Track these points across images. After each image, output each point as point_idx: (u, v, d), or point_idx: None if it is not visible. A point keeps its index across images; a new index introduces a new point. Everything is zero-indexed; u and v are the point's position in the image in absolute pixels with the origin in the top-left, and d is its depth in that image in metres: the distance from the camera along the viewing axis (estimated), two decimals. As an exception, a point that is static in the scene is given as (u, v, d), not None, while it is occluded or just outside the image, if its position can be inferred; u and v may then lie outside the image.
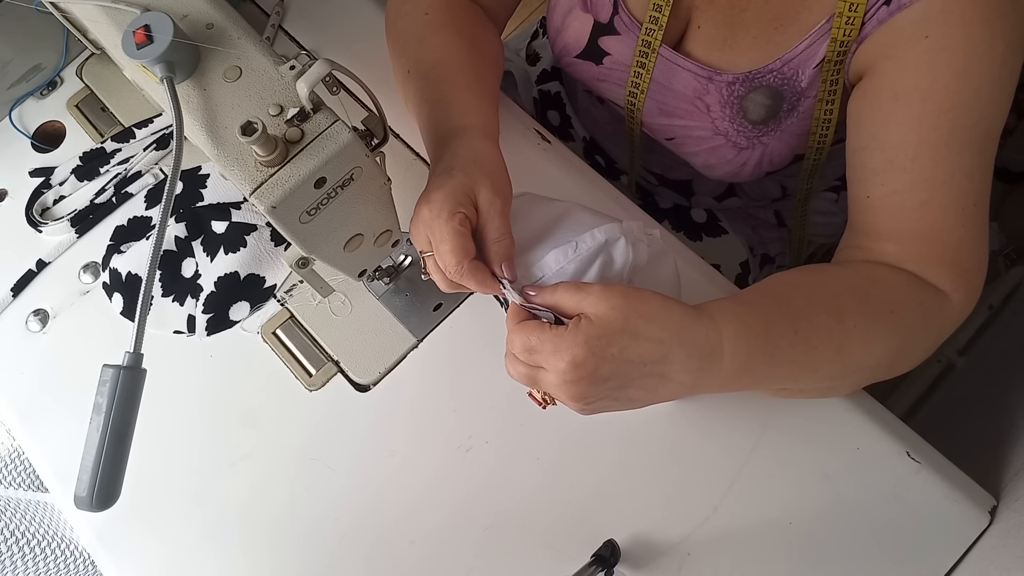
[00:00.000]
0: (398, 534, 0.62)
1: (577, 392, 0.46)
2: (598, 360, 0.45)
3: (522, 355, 0.48)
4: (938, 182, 0.53)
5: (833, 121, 0.61)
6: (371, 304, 0.69)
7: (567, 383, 0.46)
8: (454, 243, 0.49)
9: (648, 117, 0.69)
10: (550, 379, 0.47)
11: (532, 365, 0.48)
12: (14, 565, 0.66)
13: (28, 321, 0.73)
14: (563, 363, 0.45)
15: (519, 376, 0.49)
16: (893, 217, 0.55)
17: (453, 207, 0.50)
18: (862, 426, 0.59)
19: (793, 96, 0.60)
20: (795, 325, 0.51)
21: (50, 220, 0.76)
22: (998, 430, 0.66)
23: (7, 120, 0.81)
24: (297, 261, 0.56)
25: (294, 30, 0.82)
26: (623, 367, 0.46)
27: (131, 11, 0.50)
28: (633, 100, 0.68)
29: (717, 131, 0.65)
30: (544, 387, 0.48)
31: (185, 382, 0.69)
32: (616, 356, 0.45)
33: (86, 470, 0.44)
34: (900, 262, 0.55)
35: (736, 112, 0.63)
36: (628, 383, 0.47)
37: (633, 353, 0.45)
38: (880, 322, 0.53)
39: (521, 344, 0.47)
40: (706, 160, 0.69)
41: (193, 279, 0.71)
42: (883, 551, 0.56)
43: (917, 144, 0.53)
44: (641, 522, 0.59)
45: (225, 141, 0.46)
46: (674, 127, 0.68)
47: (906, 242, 0.55)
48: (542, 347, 0.46)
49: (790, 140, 0.64)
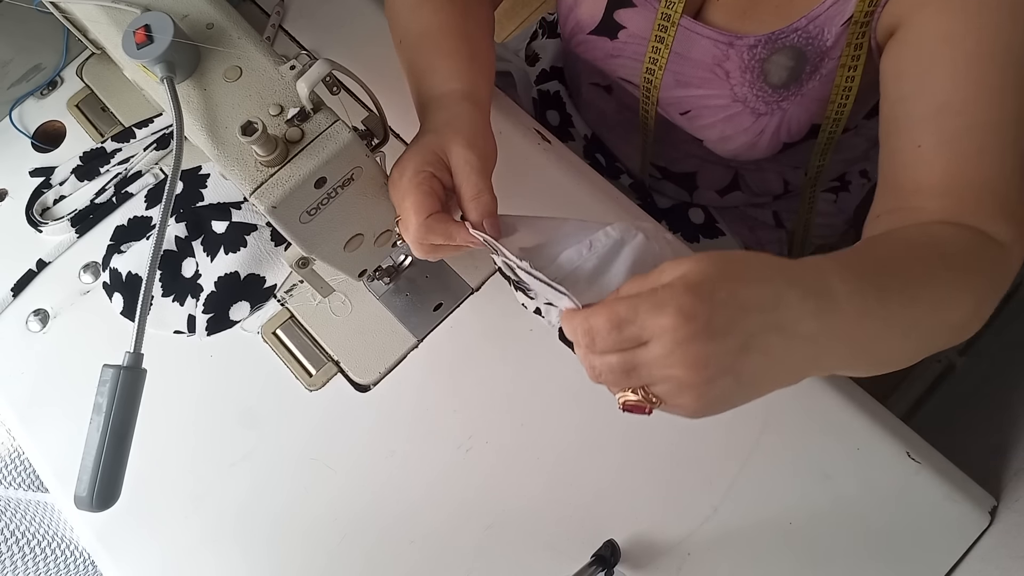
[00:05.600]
0: (398, 534, 0.62)
1: (696, 354, 0.37)
2: (710, 307, 0.37)
3: (609, 335, 0.38)
4: (996, 127, 0.50)
5: (854, 89, 0.60)
6: (371, 304, 0.69)
7: (681, 344, 0.37)
8: (414, 199, 0.48)
9: (664, 91, 0.68)
10: (655, 350, 0.37)
11: (624, 349, 0.39)
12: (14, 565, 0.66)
13: (28, 321, 0.73)
14: (670, 318, 0.36)
15: (609, 370, 0.39)
16: (947, 167, 0.51)
17: (418, 166, 0.49)
18: (862, 426, 0.59)
19: (816, 56, 0.59)
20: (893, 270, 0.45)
21: (50, 220, 0.76)
22: (998, 430, 0.66)
23: (7, 120, 0.82)
24: (297, 261, 0.56)
25: (294, 30, 0.82)
26: (739, 315, 0.38)
27: (131, 11, 0.50)
28: (650, 77, 0.67)
29: (736, 98, 0.64)
30: (648, 368, 0.38)
31: (185, 382, 0.69)
32: (728, 301, 0.37)
33: (86, 470, 0.44)
34: (957, 217, 0.50)
35: (756, 76, 0.62)
36: (749, 342, 0.38)
37: (745, 297, 0.38)
38: (960, 277, 0.48)
39: (606, 321, 0.38)
40: (722, 131, 0.67)
41: (193, 279, 0.71)
42: (883, 551, 0.56)
43: (972, 87, 0.50)
44: (641, 522, 0.59)
45: (225, 141, 0.46)
46: (690, 98, 0.67)
47: (961, 195, 0.50)
48: (637, 310, 0.37)
49: (809, 106, 0.62)
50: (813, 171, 0.73)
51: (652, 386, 0.39)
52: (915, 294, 0.46)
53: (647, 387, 0.40)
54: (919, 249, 0.49)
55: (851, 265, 0.44)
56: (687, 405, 0.40)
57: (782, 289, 0.39)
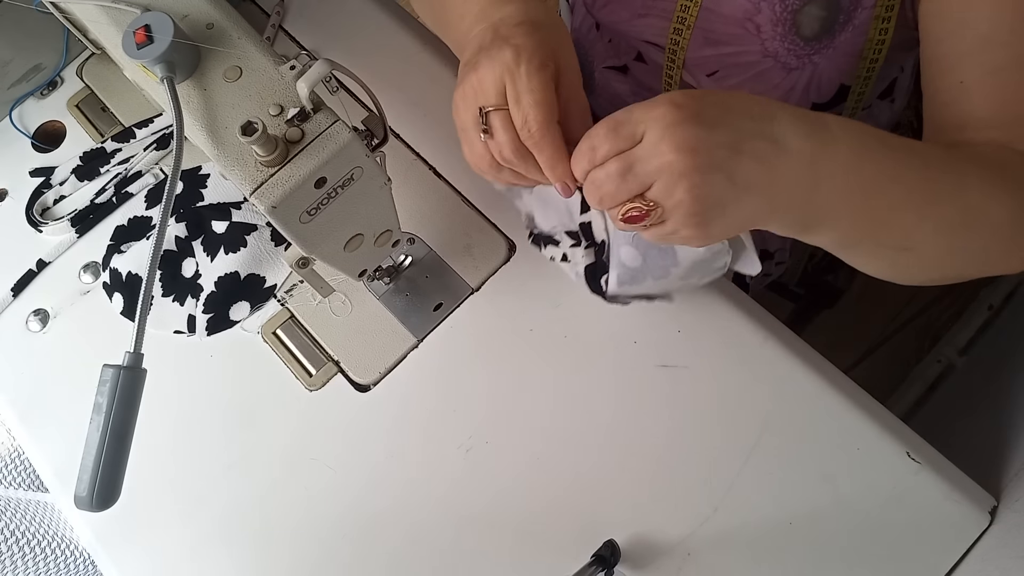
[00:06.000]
0: (398, 534, 0.62)
1: (684, 137, 0.38)
2: (700, 102, 0.39)
3: (607, 139, 0.40)
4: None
5: (886, 43, 0.59)
6: (371, 304, 0.69)
7: (670, 126, 0.38)
8: (543, 96, 0.43)
9: (691, 51, 0.66)
10: (648, 138, 0.39)
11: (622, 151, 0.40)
12: (14, 565, 0.66)
13: (28, 321, 0.73)
14: (661, 107, 0.39)
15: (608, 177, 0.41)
16: (993, 99, 0.50)
17: (543, 58, 0.43)
18: (862, 426, 0.59)
19: (850, 5, 0.58)
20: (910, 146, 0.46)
21: (50, 220, 0.76)
22: (998, 430, 0.66)
23: (7, 120, 0.82)
24: (297, 261, 0.56)
25: (294, 30, 0.82)
26: (729, 117, 0.40)
27: (131, 11, 0.50)
28: (677, 37, 0.66)
29: (766, 52, 0.63)
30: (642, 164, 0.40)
31: (185, 382, 0.69)
32: (717, 103, 0.40)
33: (86, 470, 0.44)
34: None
35: (788, 29, 0.61)
36: (739, 143, 0.39)
37: (734, 102, 0.40)
38: (998, 176, 0.47)
39: (604, 125, 0.40)
40: (751, 90, 0.66)
41: (193, 279, 0.71)
42: (883, 551, 0.56)
43: (1015, 17, 0.49)
44: (641, 522, 0.59)
45: (225, 141, 0.46)
46: (719, 57, 0.66)
47: (1009, 125, 0.50)
48: (631, 110, 0.40)
49: (840, 62, 0.62)
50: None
51: (649, 190, 0.40)
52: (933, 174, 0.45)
53: (644, 195, 0.41)
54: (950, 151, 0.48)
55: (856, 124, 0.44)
56: (683, 202, 0.40)
57: (774, 108, 0.41)
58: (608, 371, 0.63)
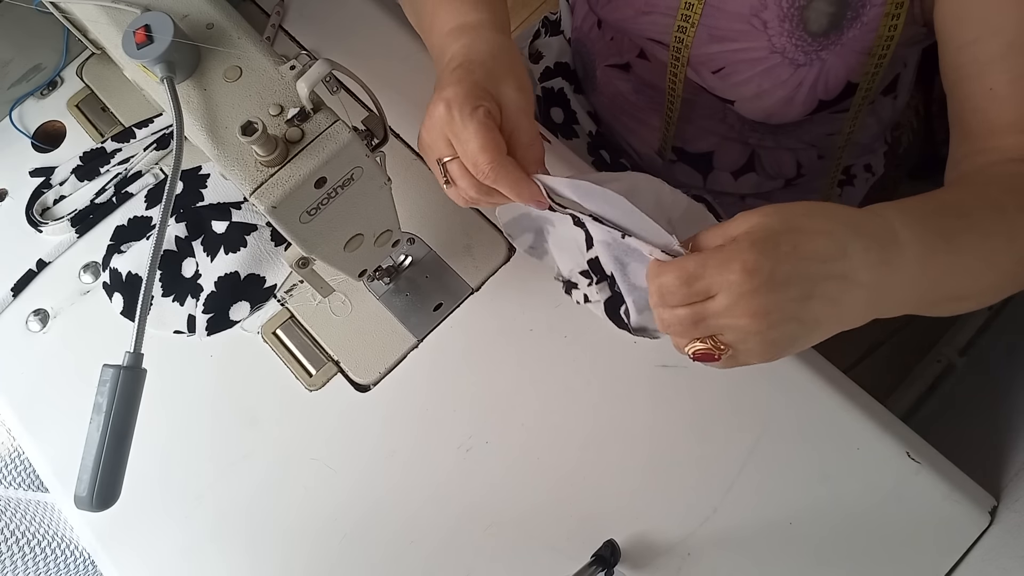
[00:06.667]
0: (398, 534, 0.62)
1: (758, 305, 0.39)
2: (773, 261, 0.39)
3: (679, 290, 0.41)
4: None
5: (895, 39, 0.59)
6: (371, 304, 0.69)
7: (744, 296, 0.39)
8: (484, 139, 0.44)
9: (696, 48, 0.66)
10: (721, 302, 0.40)
11: (692, 303, 0.41)
12: (14, 565, 0.66)
13: (28, 321, 0.73)
14: (735, 274, 0.39)
15: (679, 322, 0.42)
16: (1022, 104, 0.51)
17: (473, 101, 0.45)
18: (862, 426, 0.59)
19: (858, 1, 0.58)
20: (960, 212, 0.46)
21: (50, 220, 0.76)
22: (998, 430, 0.66)
23: (7, 120, 0.82)
24: (297, 261, 0.56)
25: (294, 30, 0.82)
26: (801, 266, 0.40)
27: (131, 11, 0.50)
28: (681, 35, 0.66)
29: (774, 48, 0.63)
30: (715, 319, 0.41)
31: (185, 382, 0.69)
32: (790, 254, 0.39)
33: (86, 470, 0.44)
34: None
35: (796, 25, 0.61)
36: (811, 290, 0.40)
37: (807, 248, 0.40)
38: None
39: (676, 276, 0.40)
40: (759, 86, 0.65)
41: (193, 279, 0.71)
42: (883, 551, 0.56)
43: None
44: (641, 522, 0.59)
45: (225, 141, 0.46)
46: (725, 54, 0.65)
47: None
48: (705, 265, 0.40)
49: (848, 59, 0.62)
50: (842, 140, 0.72)
51: (719, 335, 0.42)
52: (987, 231, 0.46)
53: (715, 336, 0.42)
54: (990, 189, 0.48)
55: (915, 210, 0.45)
56: (754, 349, 0.42)
57: (845, 240, 0.41)
58: (608, 371, 0.63)
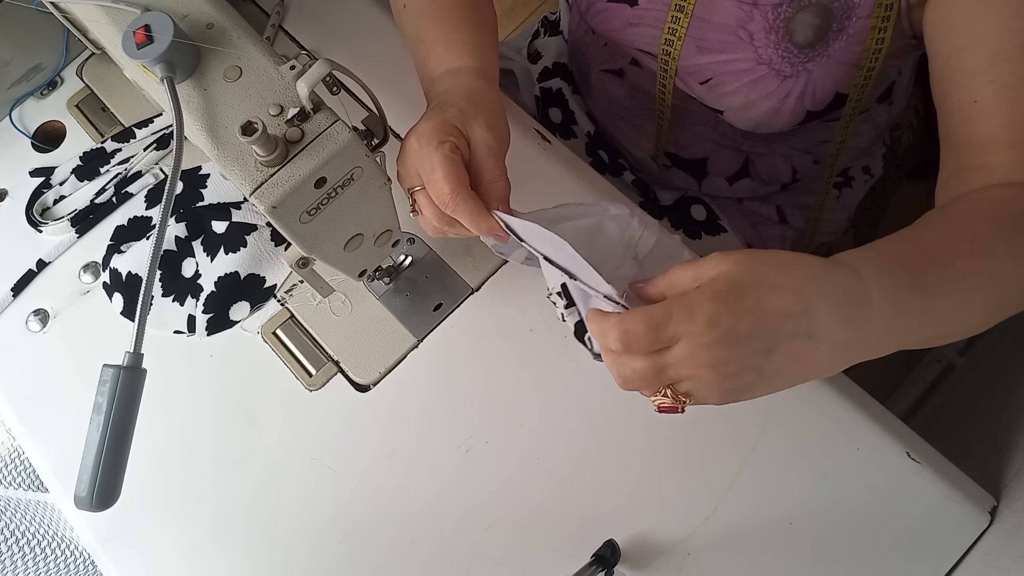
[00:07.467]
0: (398, 534, 0.62)
1: (716, 356, 0.39)
2: (734, 315, 0.38)
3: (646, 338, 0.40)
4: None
5: (883, 52, 0.59)
6: (371, 304, 0.69)
7: (703, 347, 0.39)
8: (446, 170, 0.47)
9: (684, 59, 0.67)
10: (681, 351, 0.39)
11: (652, 352, 0.40)
12: (14, 565, 0.66)
13: (28, 321, 0.73)
14: (696, 325, 0.38)
15: (639, 373, 0.41)
16: (1007, 118, 0.50)
17: (441, 136, 0.49)
18: (862, 426, 0.59)
19: (843, 13, 0.58)
20: (935, 255, 0.45)
21: (50, 220, 0.76)
22: (998, 430, 0.66)
23: (7, 120, 0.82)
24: (297, 261, 0.56)
25: (294, 30, 0.82)
26: (763, 322, 0.39)
27: (131, 11, 0.50)
28: (668, 48, 0.66)
29: (760, 60, 0.63)
30: (675, 369, 0.40)
31: (185, 382, 0.69)
32: (753, 308, 0.39)
33: (86, 470, 0.44)
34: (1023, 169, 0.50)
35: (782, 37, 0.61)
36: (773, 346, 0.40)
37: (771, 304, 0.39)
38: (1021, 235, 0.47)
39: (643, 324, 0.39)
40: (746, 97, 0.66)
41: (193, 279, 0.71)
42: (883, 551, 0.56)
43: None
44: (641, 522, 0.59)
45: (225, 141, 0.46)
46: (712, 65, 0.66)
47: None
48: (671, 314, 0.39)
49: (836, 70, 0.62)
50: (835, 148, 0.72)
51: (679, 384, 0.41)
52: (964, 272, 0.45)
53: (674, 385, 0.41)
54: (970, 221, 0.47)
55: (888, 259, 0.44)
56: (711, 396, 0.42)
57: (812, 299, 0.40)
58: (608, 371, 0.63)
